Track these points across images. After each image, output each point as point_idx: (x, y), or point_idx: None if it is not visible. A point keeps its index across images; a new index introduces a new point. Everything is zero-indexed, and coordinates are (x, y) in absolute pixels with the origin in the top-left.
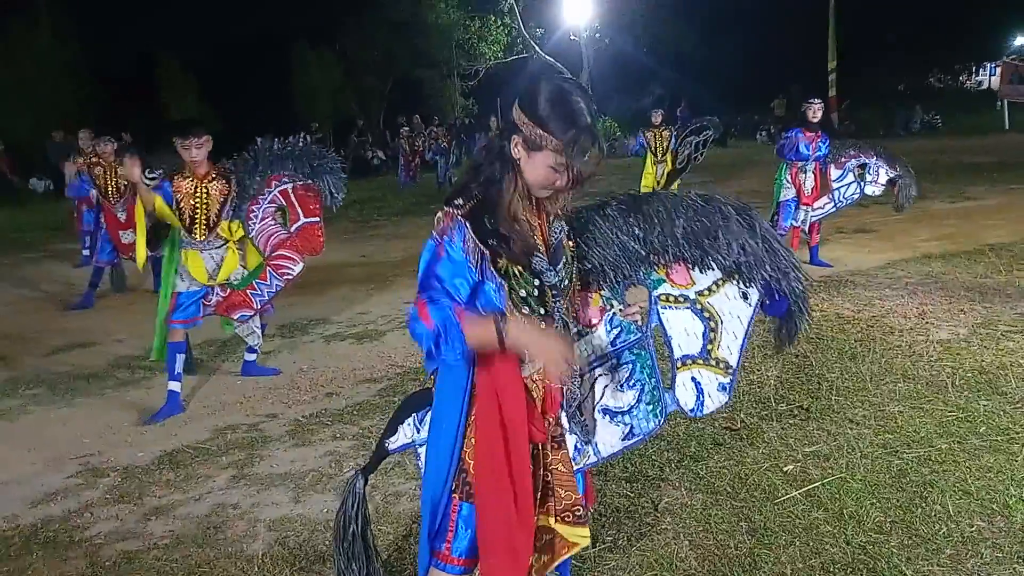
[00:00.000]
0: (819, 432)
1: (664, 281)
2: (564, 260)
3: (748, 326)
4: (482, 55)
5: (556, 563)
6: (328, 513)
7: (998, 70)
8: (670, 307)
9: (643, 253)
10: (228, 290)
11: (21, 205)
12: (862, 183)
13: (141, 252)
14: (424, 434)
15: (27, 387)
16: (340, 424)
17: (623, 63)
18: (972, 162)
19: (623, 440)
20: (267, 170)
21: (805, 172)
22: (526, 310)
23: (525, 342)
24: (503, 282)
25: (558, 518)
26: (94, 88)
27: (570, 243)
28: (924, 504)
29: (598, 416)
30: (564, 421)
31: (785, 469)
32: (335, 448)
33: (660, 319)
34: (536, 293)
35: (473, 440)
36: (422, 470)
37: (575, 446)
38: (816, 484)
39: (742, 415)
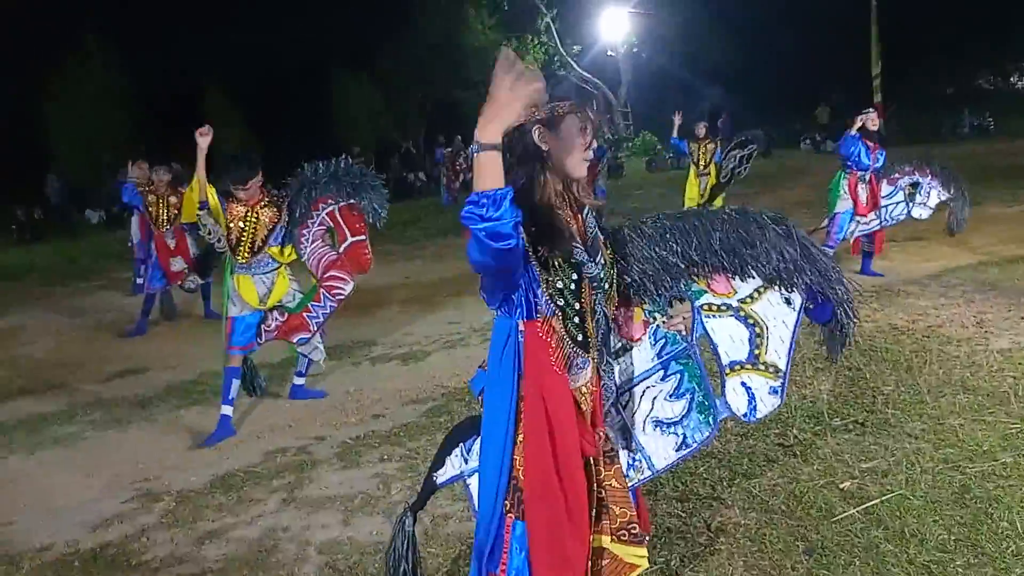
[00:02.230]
0: (876, 447)
1: (706, 292)
2: (603, 259)
3: (794, 330)
4: None
5: None
6: (377, 535)
7: None
8: (714, 316)
9: (682, 266)
10: (286, 314)
11: (75, 236)
12: (910, 204)
13: (192, 202)
14: (473, 464)
15: (84, 413)
16: (387, 446)
17: (661, 77)
18: None
19: (677, 451)
20: (312, 193)
21: (863, 182)
22: (561, 302)
23: (493, 109)
24: (541, 271)
25: (614, 537)
26: (145, 120)
27: (608, 250)
28: (990, 521)
29: (650, 428)
30: (609, 427)
31: (842, 486)
32: (383, 470)
33: (705, 328)
34: (573, 287)
35: (523, 454)
36: (473, 500)
37: (628, 462)
38: (875, 501)
39: (795, 431)
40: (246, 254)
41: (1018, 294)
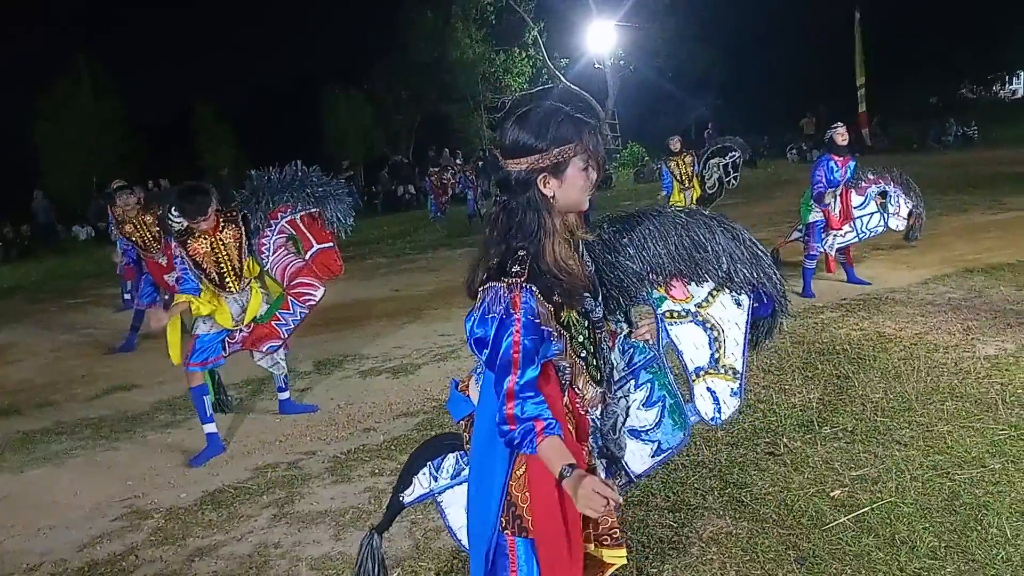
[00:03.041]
0: (866, 455)
1: (665, 298)
2: (596, 290)
3: (746, 330)
4: (508, 87)
5: None
6: None
7: None
8: (676, 322)
9: (642, 272)
10: (252, 324)
11: (64, 252)
12: (885, 215)
13: (175, 352)
14: (443, 482)
15: (73, 431)
16: (378, 459)
17: (648, 89)
18: (1011, 172)
19: (652, 457)
20: (269, 202)
21: (834, 197)
22: (583, 353)
23: (574, 494)
24: (564, 333)
25: (597, 543)
26: (134, 141)
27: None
28: (979, 527)
29: (626, 437)
30: (593, 446)
31: (832, 494)
32: (374, 484)
33: (669, 335)
34: (587, 333)
35: (520, 474)
36: (446, 518)
37: (606, 470)
38: (865, 509)
39: (785, 440)
40: (235, 283)
41: (1003, 301)
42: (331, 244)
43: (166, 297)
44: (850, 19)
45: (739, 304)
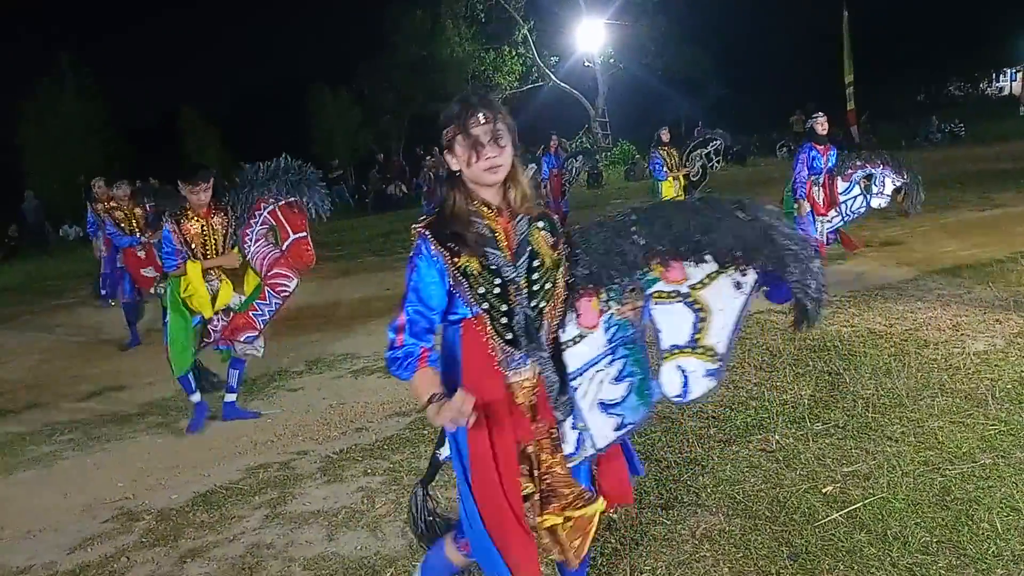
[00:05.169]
0: (857, 451)
1: (658, 280)
2: (539, 262)
3: (739, 314)
4: (498, 85)
5: (589, 540)
6: (362, 550)
7: (1019, 75)
8: (663, 303)
9: (640, 255)
10: (231, 314)
11: (51, 253)
12: (868, 196)
13: (207, 306)
14: None
15: (61, 433)
16: (371, 459)
17: (638, 88)
18: (998, 169)
19: (616, 431)
20: (253, 194)
21: (817, 185)
22: (485, 305)
23: (433, 415)
24: (463, 280)
25: (569, 509)
26: (120, 143)
27: (554, 251)
28: (971, 522)
29: (596, 410)
30: (563, 421)
31: (824, 490)
32: (367, 484)
33: (651, 315)
34: (497, 291)
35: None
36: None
37: (577, 441)
38: (857, 505)
39: (777, 436)
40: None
41: (992, 297)
42: (305, 233)
43: (152, 291)
44: (839, 17)
45: (739, 286)
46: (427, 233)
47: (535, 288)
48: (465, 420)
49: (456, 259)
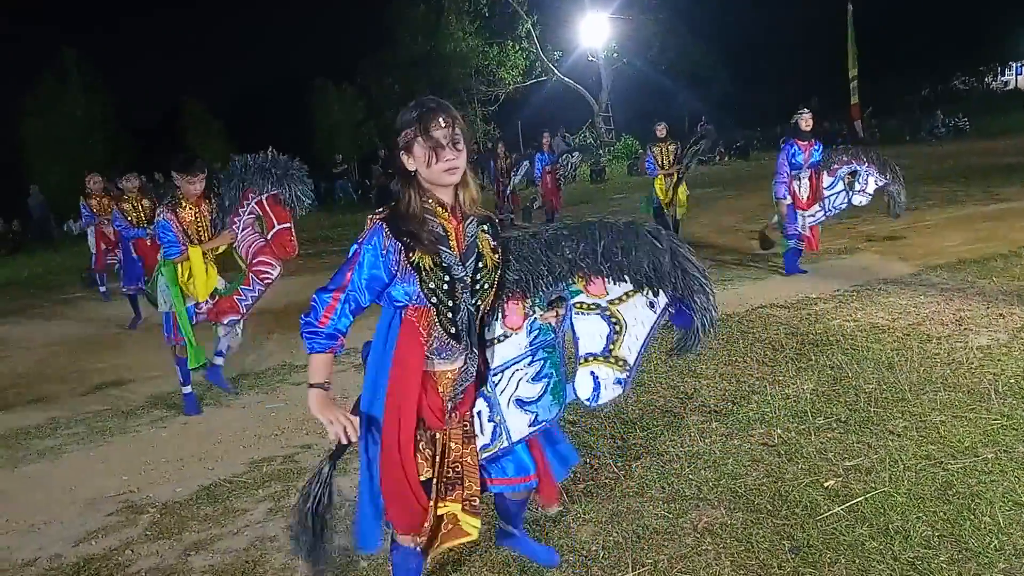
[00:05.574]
0: (859, 445)
1: (581, 292)
2: (483, 263)
3: (651, 331)
4: (501, 80)
5: (445, 546)
6: None
7: None
8: (583, 313)
9: (567, 268)
10: (216, 297)
11: (55, 248)
12: (850, 192)
13: (203, 289)
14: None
15: (66, 427)
16: None
17: (641, 83)
18: (1003, 163)
19: (530, 426)
20: (242, 184)
21: (800, 180)
22: (434, 300)
23: (314, 412)
24: (415, 274)
25: (464, 505)
26: (124, 137)
27: (494, 254)
28: (972, 517)
29: (512, 406)
30: (477, 417)
31: (826, 484)
32: None
33: (572, 324)
34: (446, 287)
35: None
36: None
37: (493, 433)
38: (859, 499)
39: (779, 430)
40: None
41: (996, 291)
42: (288, 225)
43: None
44: (843, 12)
45: (652, 306)
46: (383, 225)
47: (476, 287)
48: (346, 438)
49: (411, 254)
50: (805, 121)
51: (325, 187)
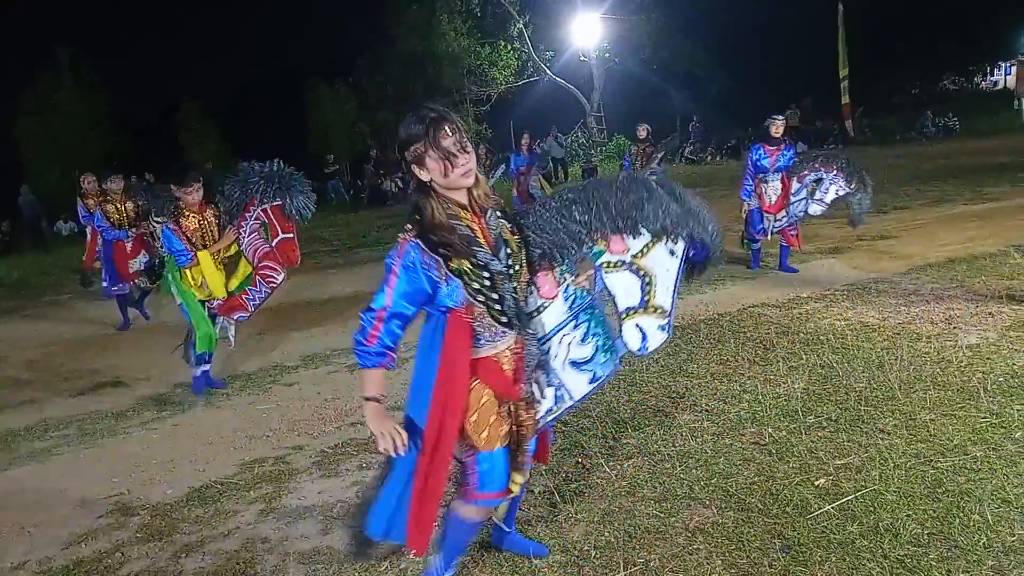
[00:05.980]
0: (849, 444)
1: (604, 252)
2: (510, 250)
3: (677, 275)
4: (493, 80)
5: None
6: None
7: (1013, 69)
8: (612, 271)
9: (584, 232)
10: (228, 295)
11: (46, 248)
12: (810, 200)
13: (220, 287)
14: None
15: (57, 428)
16: (366, 454)
17: (634, 82)
18: (992, 163)
19: (589, 384)
20: (247, 191)
21: (767, 183)
22: (481, 298)
23: (368, 423)
24: (459, 280)
25: (515, 468)
26: (119, 136)
27: (515, 236)
28: (962, 514)
29: (569, 368)
30: (536, 384)
31: (817, 483)
32: (362, 478)
33: (605, 283)
34: (488, 283)
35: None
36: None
37: (555, 396)
38: (849, 497)
39: (770, 429)
40: (217, 253)
41: (985, 290)
42: (292, 235)
43: (135, 284)
44: (834, 11)
45: (672, 253)
46: (418, 242)
47: (510, 272)
48: (395, 450)
49: (449, 263)
50: (775, 127)
51: (317, 187)
